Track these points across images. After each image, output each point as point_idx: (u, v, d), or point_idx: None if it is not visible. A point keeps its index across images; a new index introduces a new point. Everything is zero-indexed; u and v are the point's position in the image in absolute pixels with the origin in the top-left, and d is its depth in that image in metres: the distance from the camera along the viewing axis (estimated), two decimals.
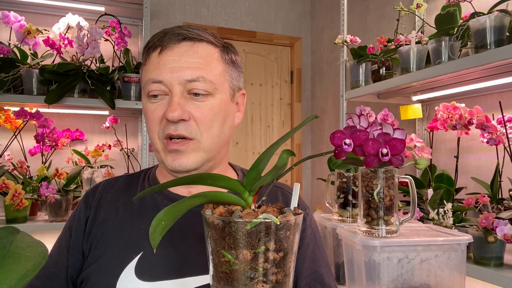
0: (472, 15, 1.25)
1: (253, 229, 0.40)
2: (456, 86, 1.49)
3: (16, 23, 1.74)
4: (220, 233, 0.41)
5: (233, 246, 0.41)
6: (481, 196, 1.20)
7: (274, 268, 0.42)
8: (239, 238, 0.40)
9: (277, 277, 0.42)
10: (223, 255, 0.41)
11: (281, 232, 0.42)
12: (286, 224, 0.42)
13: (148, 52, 0.75)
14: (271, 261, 0.41)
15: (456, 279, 0.96)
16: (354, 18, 2.47)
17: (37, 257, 0.29)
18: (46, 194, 1.66)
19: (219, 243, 0.42)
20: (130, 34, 2.02)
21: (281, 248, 0.42)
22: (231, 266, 0.41)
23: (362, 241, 0.95)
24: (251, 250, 0.40)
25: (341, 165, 1.36)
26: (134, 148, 2.26)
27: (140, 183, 0.83)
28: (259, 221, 0.41)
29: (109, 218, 0.77)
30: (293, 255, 0.44)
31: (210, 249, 0.43)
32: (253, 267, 0.41)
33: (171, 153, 0.72)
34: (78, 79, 1.75)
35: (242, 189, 0.45)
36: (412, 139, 1.45)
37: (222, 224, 0.41)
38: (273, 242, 0.41)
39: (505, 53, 1.07)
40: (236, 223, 0.40)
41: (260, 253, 0.41)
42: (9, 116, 1.84)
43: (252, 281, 0.41)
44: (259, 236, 0.40)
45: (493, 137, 1.27)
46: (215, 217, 0.42)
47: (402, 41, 1.53)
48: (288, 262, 0.43)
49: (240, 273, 0.41)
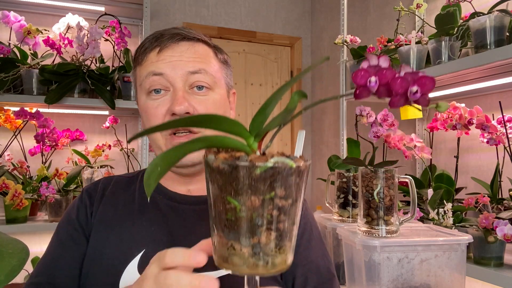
0: (472, 15, 1.25)
1: (263, 174, 0.38)
2: (456, 86, 1.49)
3: (16, 23, 1.74)
4: (226, 178, 0.39)
5: (240, 192, 0.38)
6: (481, 196, 1.20)
7: (282, 216, 0.40)
8: (247, 183, 0.38)
9: (284, 226, 0.40)
10: (229, 202, 0.39)
11: (291, 178, 0.39)
12: (297, 170, 0.40)
13: (145, 53, 0.75)
14: (279, 208, 0.39)
15: (456, 279, 0.96)
16: (354, 18, 2.47)
17: (20, 253, 0.29)
18: (46, 194, 1.66)
19: (224, 190, 0.39)
20: (130, 34, 2.02)
21: (290, 195, 0.40)
22: (237, 213, 0.39)
23: (362, 241, 0.96)
24: (260, 196, 0.38)
25: (341, 165, 1.36)
26: (134, 148, 2.26)
27: (139, 182, 0.83)
28: (270, 165, 0.38)
29: (110, 215, 0.77)
30: (300, 205, 0.42)
31: (213, 197, 0.41)
32: (260, 214, 0.39)
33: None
34: (78, 79, 1.75)
35: (247, 134, 0.41)
36: (412, 139, 1.45)
37: (229, 169, 0.38)
38: (283, 188, 0.39)
39: (505, 53, 1.07)
40: (245, 168, 0.38)
41: (269, 199, 0.39)
42: (9, 116, 1.84)
43: (259, 228, 0.39)
44: (269, 182, 0.38)
45: (493, 137, 1.27)
46: (221, 162, 0.39)
47: (402, 41, 1.53)
48: (296, 211, 0.41)
49: (246, 221, 0.39)
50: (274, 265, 0.40)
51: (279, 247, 0.40)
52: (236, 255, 0.39)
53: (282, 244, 0.40)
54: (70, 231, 0.77)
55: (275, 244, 0.40)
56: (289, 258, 0.42)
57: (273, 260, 0.40)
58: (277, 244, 0.40)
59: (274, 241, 0.40)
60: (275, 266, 0.40)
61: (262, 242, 0.39)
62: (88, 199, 0.80)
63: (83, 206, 0.79)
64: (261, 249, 0.39)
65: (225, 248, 0.40)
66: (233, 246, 0.39)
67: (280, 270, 0.41)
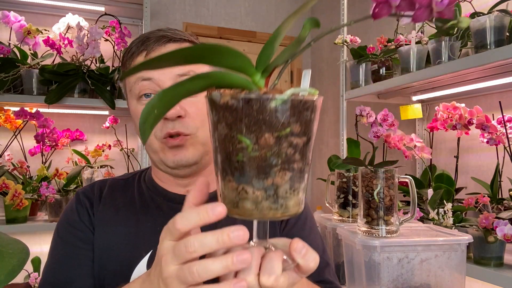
0: (472, 15, 1.25)
1: (278, 107, 0.35)
2: (456, 86, 1.49)
3: (16, 23, 1.74)
4: (237, 115, 0.35)
5: (252, 130, 0.35)
6: (481, 196, 1.20)
7: (297, 155, 0.37)
8: (261, 119, 0.35)
9: (298, 165, 0.38)
10: (239, 141, 0.35)
11: (306, 113, 0.37)
12: (312, 104, 0.37)
13: (132, 57, 0.74)
14: (294, 146, 0.36)
15: (456, 279, 0.96)
16: (354, 18, 2.46)
17: (20, 253, 0.29)
18: (46, 194, 1.66)
19: (234, 128, 0.36)
20: (130, 34, 2.02)
21: (305, 132, 0.37)
22: (249, 153, 0.35)
23: (362, 241, 0.96)
24: (274, 133, 0.35)
25: (341, 165, 1.36)
26: (134, 148, 2.26)
27: (136, 184, 0.82)
28: (286, 97, 0.35)
29: (110, 216, 0.77)
30: (312, 145, 0.39)
31: (220, 138, 0.37)
32: (275, 152, 0.36)
33: (171, 149, 0.71)
34: (78, 79, 1.75)
35: (253, 70, 0.38)
36: (412, 139, 1.45)
37: (239, 105, 0.35)
38: (298, 124, 0.36)
39: (505, 53, 1.07)
40: (259, 101, 0.34)
41: (284, 136, 0.36)
42: (9, 116, 1.84)
43: (274, 168, 0.36)
44: (284, 117, 0.35)
45: (493, 137, 1.27)
46: (230, 97, 0.35)
47: (402, 41, 1.53)
48: (310, 149, 0.39)
49: (260, 160, 0.36)
50: (287, 208, 0.38)
51: (294, 189, 0.38)
52: (248, 199, 0.37)
53: (296, 186, 0.38)
54: (77, 233, 0.75)
55: (290, 186, 0.37)
56: (302, 201, 0.40)
57: (287, 203, 0.38)
58: (291, 186, 0.37)
59: (288, 182, 0.37)
60: (289, 209, 0.38)
61: (277, 184, 0.37)
62: (87, 200, 0.79)
63: (83, 208, 0.78)
64: (275, 191, 0.37)
65: (235, 193, 0.37)
66: (245, 190, 0.37)
67: (294, 213, 0.39)
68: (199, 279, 0.37)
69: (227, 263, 0.37)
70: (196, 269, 0.37)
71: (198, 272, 0.37)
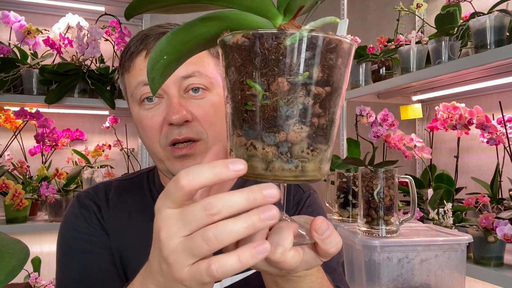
0: (472, 15, 1.25)
1: (295, 46, 0.29)
2: (456, 86, 1.49)
3: (16, 23, 1.74)
4: (247, 55, 0.30)
5: (264, 73, 0.30)
6: (481, 196, 1.20)
7: (318, 107, 0.31)
8: (273, 59, 0.30)
9: (319, 121, 0.31)
10: (249, 87, 0.30)
11: (331, 55, 0.30)
12: (339, 47, 0.31)
13: (131, 58, 0.68)
14: (315, 95, 0.30)
15: (456, 279, 0.96)
16: (354, 18, 2.47)
17: (20, 253, 0.29)
18: (46, 194, 1.66)
19: (243, 71, 0.31)
20: (130, 34, 2.01)
21: (329, 80, 0.31)
22: (260, 100, 0.30)
23: (362, 241, 0.96)
24: (289, 77, 0.30)
25: (341, 165, 1.36)
26: (134, 148, 2.26)
27: (146, 187, 0.76)
28: (305, 34, 0.29)
29: (124, 223, 0.72)
30: (340, 96, 0.33)
31: (230, 85, 0.32)
32: (290, 101, 0.30)
33: (178, 159, 0.65)
34: (78, 79, 1.75)
35: (274, 11, 0.32)
36: (412, 139, 1.45)
37: (250, 43, 0.30)
38: (320, 69, 0.30)
39: (505, 53, 1.07)
40: (271, 37, 0.29)
41: (301, 83, 0.30)
42: (9, 116, 1.84)
43: (288, 120, 0.30)
44: (302, 58, 0.29)
45: (493, 137, 1.27)
46: (241, 35, 0.30)
47: (402, 41, 1.53)
48: (336, 103, 0.32)
49: (272, 110, 0.30)
50: (304, 171, 0.32)
51: (313, 148, 0.32)
52: (258, 157, 0.31)
53: (316, 145, 0.32)
54: (91, 238, 0.70)
55: (308, 144, 0.31)
56: (324, 167, 0.33)
57: (304, 165, 0.31)
58: (309, 144, 0.31)
59: (306, 139, 0.31)
60: (306, 172, 0.32)
61: (291, 139, 0.31)
62: (93, 204, 0.73)
63: (89, 212, 0.72)
64: (289, 148, 0.31)
65: (243, 149, 0.32)
66: (254, 145, 0.31)
67: (312, 178, 0.32)
68: (217, 245, 0.30)
69: (253, 221, 0.30)
70: (213, 234, 0.30)
71: (216, 237, 0.30)
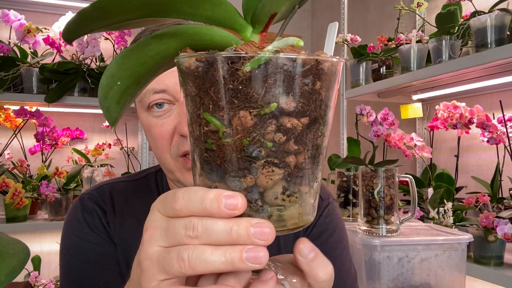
0: (472, 14, 1.25)
1: (256, 71, 0.24)
2: (456, 85, 1.49)
3: (16, 22, 1.74)
4: (201, 83, 0.25)
5: (221, 105, 0.25)
6: (481, 195, 1.20)
7: (293, 143, 0.26)
8: (232, 89, 0.25)
9: (297, 159, 0.26)
10: (206, 121, 0.26)
11: (305, 80, 0.25)
12: (316, 68, 0.26)
13: None
14: (287, 130, 0.25)
15: (456, 278, 0.96)
16: (354, 17, 2.46)
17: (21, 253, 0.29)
18: (46, 193, 1.66)
19: (199, 102, 0.26)
20: (130, 33, 2.01)
21: (306, 110, 0.26)
22: (220, 138, 0.26)
23: (362, 240, 0.96)
24: (253, 110, 0.25)
25: (341, 164, 1.36)
26: (134, 147, 2.26)
27: (156, 192, 0.73)
28: (269, 55, 0.24)
29: (133, 231, 0.68)
30: (326, 125, 0.28)
31: (189, 116, 0.28)
32: (256, 139, 0.25)
33: (190, 170, 0.61)
34: (78, 78, 1.75)
35: (241, 21, 0.27)
36: (412, 138, 1.45)
37: (204, 68, 0.25)
38: (291, 97, 0.25)
39: (506, 52, 1.07)
40: (227, 62, 0.24)
41: (268, 115, 0.25)
42: (9, 115, 1.84)
43: (255, 162, 0.26)
44: (267, 85, 0.25)
45: (493, 136, 1.27)
46: (194, 58, 0.26)
47: (403, 40, 1.53)
48: (318, 135, 0.27)
49: (234, 150, 0.25)
50: (281, 221, 0.27)
51: (289, 193, 0.27)
52: None
53: (294, 188, 0.27)
54: (96, 248, 0.66)
55: (283, 188, 0.27)
56: (307, 210, 0.29)
57: (280, 213, 0.27)
58: (285, 188, 0.27)
59: (281, 183, 0.27)
60: (282, 222, 0.27)
61: (261, 184, 0.26)
62: (97, 207, 0.70)
63: (93, 217, 0.69)
64: (260, 194, 0.26)
65: None
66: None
67: (292, 227, 0.28)
68: (189, 270, 0.27)
69: (232, 258, 0.26)
70: (188, 256, 0.27)
71: (190, 260, 0.27)
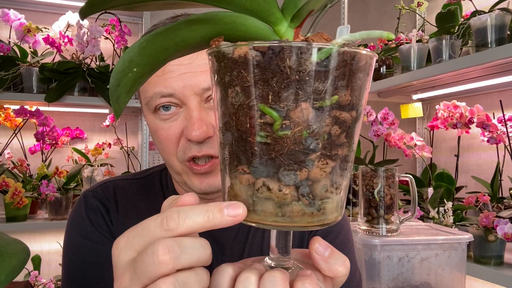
0: (473, 14, 1.25)
1: (324, 63, 0.24)
2: (456, 84, 1.49)
3: (16, 21, 1.74)
4: (261, 74, 0.24)
5: (284, 96, 0.24)
6: (482, 195, 1.20)
7: (344, 136, 0.26)
8: (297, 79, 0.24)
9: (344, 151, 0.27)
10: (262, 113, 0.25)
11: (361, 74, 0.26)
12: (368, 64, 0.26)
13: None
14: (341, 123, 0.25)
15: (456, 278, 0.96)
16: (354, 16, 2.46)
17: (21, 253, 0.29)
18: (46, 193, 1.66)
19: (255, 93, 0.25)
20: (130, 32, 2.01)
21: (357, 104, 0.26)
22: (276, 131, 0.25)
23: (363, 240, 0.96)
24: (316, 102, 0.24)
25: None
26: (134, 146, 2.26)
27: (160, 193, 0.72)
28: (337, 48, 0.24)
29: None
30: (361, 119, 0.28)
31: (229, 111, 0.27)
32: (315, 131, 0.25)
33: (197, 175, 0.61)
34: (78, 77, 1.75)
35: (278, 14, 0.27)
36: (413, 138, 1.45)
37: (265, 58, 0.24)
38: (350, 90, 0.25)
39: (506, 52, 1.07)
40: (295, 53, 0.24)
41: (328, 108, 0.25)
42: (9, 115, 1.84)
43: (312, 155, 0.25)
44: (334, 77, 0.24)
45: (493, 136, 1.27)
46: (250, 47, 0.24)
47: (403, 40, 1.53)
48: (358, 129, 0.28)
49: (292, 143, 0.25)
50: (325, 214, 0.27)
51: (336, 186, 0.27)
52: (271, 200, 0.26)
53: (339, 181, 0.27)
54: (99, 247, 0.66)
55: (331, 181, 0.26)
56: (343, 204, 0.29)
57: (326, 206, 0.27)
58: (333, 181, 0.27)
59: (329, 176, 0.26)
60: (326, 215, 0.27)
61: (314, 177, 0.26)
62: (101, 205, 0.69)
63: (96, 215, 0.68)
64: (310, 188, 0.26)
65: (252, 191, 0.27)
66: (267, 186, 0.26)
67: (333, 220, 0.28)
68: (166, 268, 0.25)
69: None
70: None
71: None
